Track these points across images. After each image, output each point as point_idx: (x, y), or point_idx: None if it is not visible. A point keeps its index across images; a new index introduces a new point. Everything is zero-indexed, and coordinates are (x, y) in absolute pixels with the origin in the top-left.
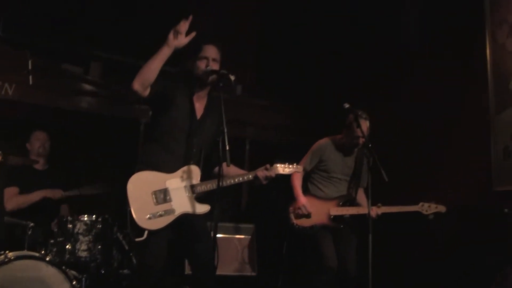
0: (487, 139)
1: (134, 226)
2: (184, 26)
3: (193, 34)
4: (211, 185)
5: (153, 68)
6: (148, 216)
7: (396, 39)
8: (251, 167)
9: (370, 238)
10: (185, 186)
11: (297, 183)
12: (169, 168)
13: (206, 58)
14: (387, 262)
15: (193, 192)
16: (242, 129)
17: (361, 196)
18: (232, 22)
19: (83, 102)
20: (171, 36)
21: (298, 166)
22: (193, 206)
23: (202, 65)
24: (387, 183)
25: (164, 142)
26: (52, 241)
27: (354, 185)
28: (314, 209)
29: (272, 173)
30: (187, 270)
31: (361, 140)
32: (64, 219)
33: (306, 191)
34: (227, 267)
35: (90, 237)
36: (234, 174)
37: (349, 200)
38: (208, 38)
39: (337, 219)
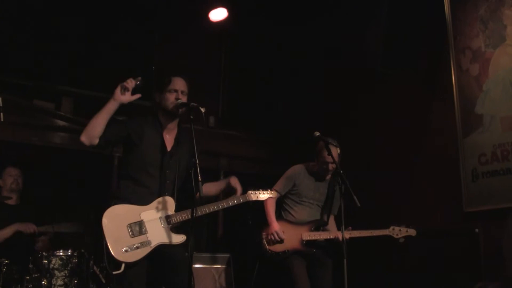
0: (455, 162)
1: (111, 259)
2: (131, 83)
3: (138, 95)
4: (185, 215)
5: (99, 122)
6: (125, 249)
7: (362, 65)
8: (225, 198)
9: (345, 263)
10: (160, 217)
11: (270, 208)
12: (143, 202)
13: (176, 90)
14: (361, 286)
15: (168, 223)
16: (215, 160)
17: (331, 223)
18: (203, 54)
19: (55, 137)
20: (118, 91)
21: (272, 192)
22: (169, 237)
23: (171, 97)
24: (358, 208)
25: (137, 178)
26: (27, 277)
27: (326, 211)
28: (287, 234)
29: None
30: None
31: (331, 166)
32: (39, 255)
33: (279, 216)
34: None
35: (66, 272)
36: (210, 189)
37: (321, 225)
38: (176, 70)
39: (309, 243)
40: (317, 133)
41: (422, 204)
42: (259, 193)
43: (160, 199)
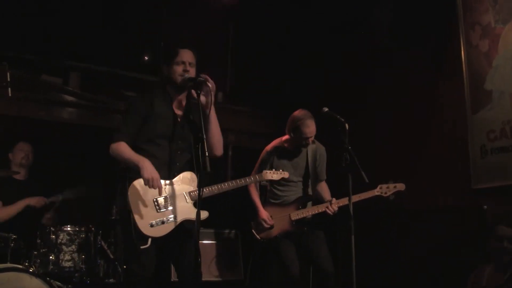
0: (464, 138)
1: (138, 234)
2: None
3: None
4: (209, 191)
5: (123, 161)
6: (151, 223)
7: (370, 41)
8: (234, 172)
9: (353, 239)
10: (184, 193)
11: (255, 196)
12: (160, 173)
13: (183, 62)
14: (366, 262)
15: (191, 198)
16: (224, 136)
17: (323, 189)
18: (211, 29)
19: (63, 112)
20: (147, 174)
21: (285, 172)
22: (192, 213)
23: (179, 69)
24: (365, 184)
25: (146, 149)
26: (35, 252)
27: (311, 183)
28: (275, 218)
29: None
30: (174, 277)
31: (310, 140)
32: (47, 230)
33: (265, 200)
34: (212, 273)
35: (74, 247)
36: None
37: (307, 200)
38: (183, 42)
39: (299, 222)
40: (326, 109)
41: (430, 181)
42: (273, 173)
43: (182, 174)
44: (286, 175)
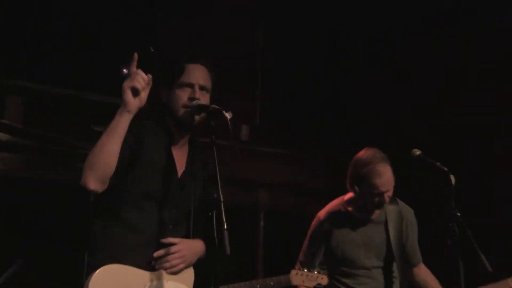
0: None
1: None
2: (144, 80)
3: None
4: None
5: (112, 151)
6: None
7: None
8: (268, 254)
9: None
10: None
11: None
12: (141, 257)
13: (191, 85)
14: None
15: None
16: (251, 194)
17: (424, 278)
18: (231, 38)
19: None
20: (129, 96)
21: (323, 276)
22: None
23: (183, 96)
24: (487, 272)
25: (127, 217)
26: None
27: (399, 270)
28: None
29: None
30: None
31: (387, 197)
32: None
33: None
34: None
35: None
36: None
37: None
38: (193, 56)
39: None
40: (417, 152)
41: None
42: (305, 276)
43: None
44: (324, 281)
